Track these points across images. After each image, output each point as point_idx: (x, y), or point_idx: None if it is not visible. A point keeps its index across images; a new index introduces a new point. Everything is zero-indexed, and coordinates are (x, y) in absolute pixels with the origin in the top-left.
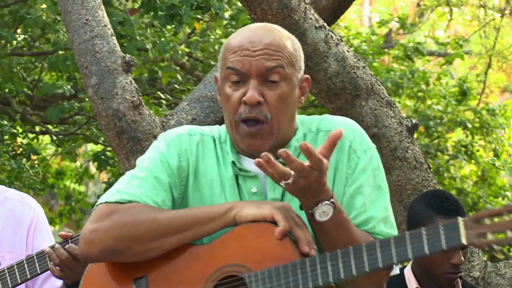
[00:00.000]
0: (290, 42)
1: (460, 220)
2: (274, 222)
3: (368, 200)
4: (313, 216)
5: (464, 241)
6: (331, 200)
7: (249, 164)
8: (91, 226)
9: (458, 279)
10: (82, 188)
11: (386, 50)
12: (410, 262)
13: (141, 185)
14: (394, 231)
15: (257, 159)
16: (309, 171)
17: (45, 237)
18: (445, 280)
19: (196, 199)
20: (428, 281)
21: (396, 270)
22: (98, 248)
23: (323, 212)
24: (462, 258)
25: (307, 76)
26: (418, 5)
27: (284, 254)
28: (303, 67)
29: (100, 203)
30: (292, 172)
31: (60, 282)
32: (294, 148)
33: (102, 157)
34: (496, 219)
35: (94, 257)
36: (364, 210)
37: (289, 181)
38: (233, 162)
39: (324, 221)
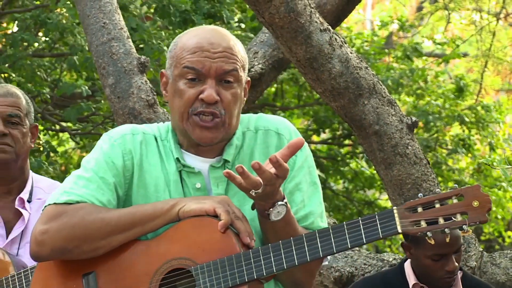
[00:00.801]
0: (241, 47)
1: (395, 209)
2: (216, 216)
3: (306, 196)
4: (269, 217)
5: (399, 229)
6: (284, 200)
7: (192, 160)
8: (41, 227)
9: (459, 271)
10: None
11: (386, 50)
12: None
13: (87, 185)
14: (325, 224)
15: (226, 170)
16: (276, 179)
17: None
18: (442, 283)
19: (141, 195)
20: (426, 277)
21: (326, 262)
22: (48, 248)
23: (277, 212)
24: (456, 263)
25: (249, 79)
26: (418, 9)
27: (227, 246)
28: (247, 71)
29: (49, 204)
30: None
31: None
32: (235, 146)
33: None
34: (428, 207)
35: (45, 256)
36: (303, 206)
37: (259, 190)
38: (177, 158)
39: (277, 221)
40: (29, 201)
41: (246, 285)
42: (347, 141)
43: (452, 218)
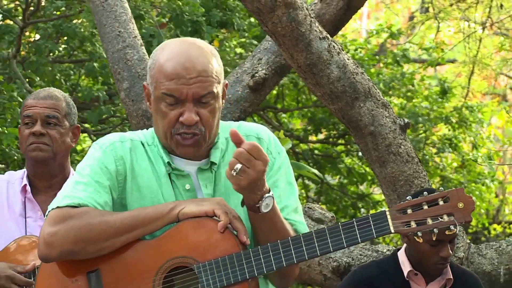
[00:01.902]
0: (215, 58)
1: (387, 211)
2: (213, 217)
3: (283, 192)
4: (259, 209)
5: (392, 229)
6: (271, 193)
7: (181, 163)
8: (49, 229)
9: None
10: None
11: (377, 57)
12: (404, 246)
13: (85, 189)
14: (303, 219)
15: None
16: (248, 156)
17: None
18: (435, 270)
19: (135, 198)
20: (421, 266)
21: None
22: (58, 250)
23: (266, 204)
24: (450, 251)
25: (226, 81)
26: (410, 19)
27: (228, 245)
28: (223, 79)
29: (52, 209)
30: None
31: None
32: (221, 150)
33: None
34: (417, 209)
35: (53, 258)
36: (279, 201)
37: (238, 166)
38: (168, 162)
39: (266, 212)
40: None
41: (247, 282)
42: (341, 141)
43: (439, 218)
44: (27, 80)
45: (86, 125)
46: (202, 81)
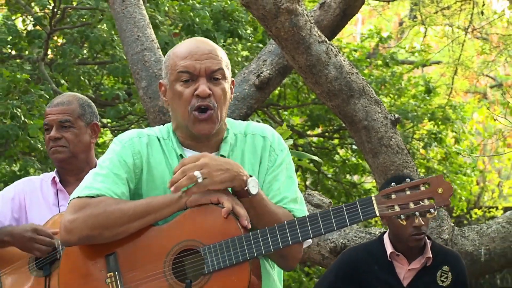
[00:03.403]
0: (222, 52)
1: (373, 196)
2: (218, 204)
3: (282, 185)
4: (248, 192)
5: (377, 213)
6: (253, 176)
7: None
8: (69, 217)
9: (428, 240)
10: None
11: (368, 60)
12: (388, 230)
13: (104, 181)
14: (303, 207)
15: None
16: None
17: None
18: (412, 241)
19: (150, 188)
20: (400, 245)
21: (309, 241)
22: (76, 236)
23: (253, 186)
24: (422, 222)
25: (233, 79)
26: (400, 24)
27: (231, 229)
28: (230, 72)
29: (73, 198)
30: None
31: None
32: (230, 144)
33: None
34: (400, 194)
35: (73, 243)
36: (279, 193)
37: (196, 174)
38: (180, 155)
39: (256, 194)
40: None
41: (248, 262)
42: (336, 135)
43: (421, 202)
44: (55, 80)
45: (106, 121)
46: (213, 57)
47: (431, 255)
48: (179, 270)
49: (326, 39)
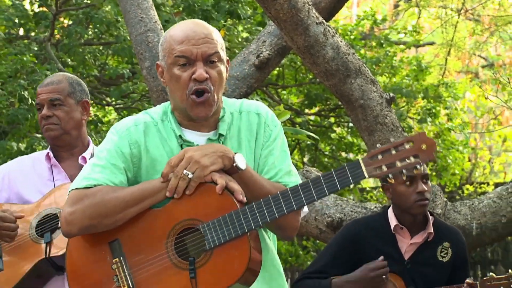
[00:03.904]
0: (217, 33)
1: (360, 159)
2: (212, 182)
3: (277, 159)
4: (237, 167)
5: (366, 175)
6: (237, 153)
7: (192, 135)
8: (68, 209)
9: (430, 216)
10: None
11: (363, 41)
12: (393, 204)
13: (101, 171)
14: (298, 179)
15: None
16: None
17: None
18: (416, 207)
19: (150, 174)
20: (405, 217)
21: (305, 210)
22: (77, 227)
23: (241, 160)
24: (424, 186)
25: (228, 58)
26: (395, 6)
27: (227, 205)
28: (225, 53)
29: (72, 190)
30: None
31: None
32: (227, 123)
33: None
34: (386, 154)
35: (74, 234)
36: (274, 166)
37: (186, 172)
38: (179, 135)
39: (245, 168)
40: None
41: (246, 235)
42: (332, 114)
43: (406, 160)
44: (61, 60)
45: (111, 100)
46: (209, 42)
47: (432, 231)
48: (182, 249)
49: (324, 21)
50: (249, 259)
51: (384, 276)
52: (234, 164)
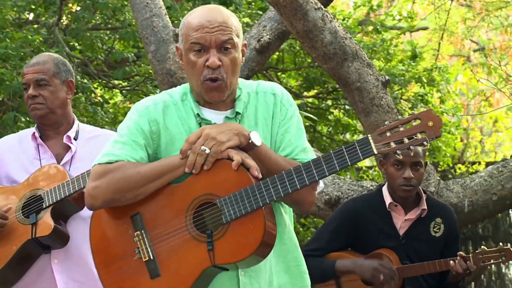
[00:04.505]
0: (234, 18)
1: (369, 136)
2: (229, 158)
3: (293, 137)
4: (253, 143)
5: (375, 151)
6: (252, 130)
7: (209, 114)
8: (92, 184)
9: (423, 194)
10: None
11: (360, 26)
12: (387, 182)
13: (123, 148)
14: (313, 156)
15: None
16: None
17: None
18: (400, 191)
19: (169, 151)
20: (396, 195)
21: (321, 185)
22: (100, 201)
23: (256, 137)
24: (411, 174)
25: (245, 42)
26: None
27: (242, 180)
28: (242, 36)
29: (95, 165)
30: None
31: None
32: (244, 102)
33: None
34: (394, 131)
35: (98, 207)
36: (290, 144)
37: (203, 148)
38: (197, 114)
39: (260, 145)
40: (75, 139)
41: (262, 209)
42: (330, 96)
43: (414, 137)
44: (69, 44)
45: (117, 82)
46: (223, 29)
47: (426, 207)
48: (200, 223)
49: (322, 6)
50: (264, 232)
51: (382, 277)
52: (250, 141)
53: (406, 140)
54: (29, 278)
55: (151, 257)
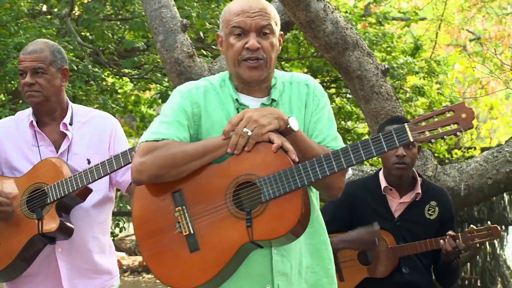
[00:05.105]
0: (273, 8)
1: (406, 124)
2: (268, 142)
3: (324, 126)
4: (291, 129)
5: (411, 138)
6: (291, 116)
7: (247, 100)
8: (139, 159)
9: (418, 178)
10: (152, 112)
11: (364, 18)
12: (383, 166)
13: (168, 127)
14: (342, 144)
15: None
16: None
17: (122, 142)
18: (394, 169)
19: (209, 132)
20: (391, 179)
21: (349, 172)
22: (146, 175)
23: (294, 122)
24: (403, 151)
25: (281, 33)
26: None
27: (281, 162)
28: (279, 26)
29: (142, 142)
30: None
31: None
32: (279, 90)
33: (165, 94)
34: (429, 121)
35: (143, 181)
36: (321, 132)
37: (245, 130)
38: (236, 99)
39: (297, 130)
40: (70, 124)
41: (299, 190)
42: (333, 85)
43: (447, 127)
44: (81, 34)
45: (127, 71)
46: (263, 15)
47: (420, 191)
48: (239, 201)
49: None
50: (301, 212)
51: (376, 239)
52: (288, 126)
53: (440, 130)
54: (34, 266)
55: (191, 232)
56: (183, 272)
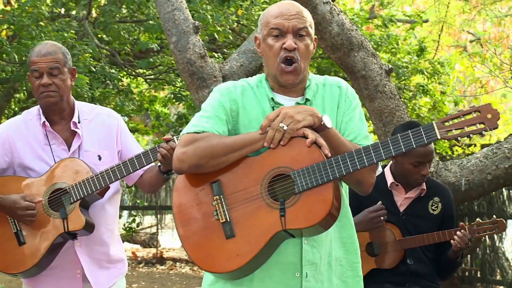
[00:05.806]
0: (308, 13)
1: (434, 123)
2: (303, 137)
3: (356, 125)
4: (324, 125)
5: (438, 136)
6: (324, 114)
7: (282, 99)
8: (181, 150)
9: None
10: (167, 110)
11: (370, 20)
12: (390, 163)
13: (208, 121)
14: (372, 143)
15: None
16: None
17: (128, 136)
18: (416, 182)
19: (246, 128)
20: (401, 178)
21: (379, 169)
22: (187, 165)
23: (328, 121)
24: (428, 170)
25: (316, 36)
26: None
27: (315, 156)
28: (314, 31)
29: (183, 134)
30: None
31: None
32: (313, 91)
33: (178, 95)
34: (456, 120)
35: (184, 170)
36: (353, 131)
37: (281, 125)
38: (271, 98)
39: (331, 127)
40: (79, 122)
41: (331, 182)
42: None
43: (473, 127)
44: (98, 36)
45: (142, 71)
46: (299, 18)
47: (425, 187)
48: (273, 192)
49: (330, 1)
50: (332, 204)
51: (382, 218)
52: (322, 123)
53: (466, 129)
54: (55, 260)
55: (228, 219)
56: (219, 257)
